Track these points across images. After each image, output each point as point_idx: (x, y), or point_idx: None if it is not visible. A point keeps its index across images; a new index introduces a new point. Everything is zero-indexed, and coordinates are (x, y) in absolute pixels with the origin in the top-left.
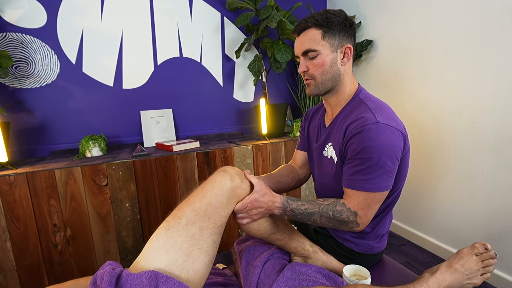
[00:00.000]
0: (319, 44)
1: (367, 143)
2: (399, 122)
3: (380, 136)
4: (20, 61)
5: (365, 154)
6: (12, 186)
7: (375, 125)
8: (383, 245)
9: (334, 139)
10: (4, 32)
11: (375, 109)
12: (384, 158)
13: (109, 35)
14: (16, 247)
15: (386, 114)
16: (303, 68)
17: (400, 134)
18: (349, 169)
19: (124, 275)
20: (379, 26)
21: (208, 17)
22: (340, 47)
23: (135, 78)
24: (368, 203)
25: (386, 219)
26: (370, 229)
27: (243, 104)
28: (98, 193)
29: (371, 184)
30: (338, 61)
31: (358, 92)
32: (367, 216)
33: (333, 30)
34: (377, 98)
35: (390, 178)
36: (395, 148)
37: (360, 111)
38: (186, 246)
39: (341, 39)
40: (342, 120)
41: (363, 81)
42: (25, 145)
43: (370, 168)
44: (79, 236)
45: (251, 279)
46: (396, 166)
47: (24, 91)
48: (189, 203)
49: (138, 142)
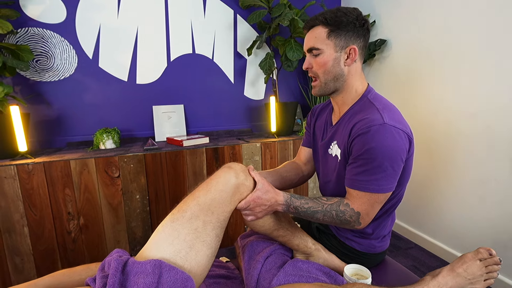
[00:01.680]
0: (323, 43)
1: (372, 144)
2: (406, 124)
3: (386, 138)
4: (40, 55)
5: (370, 155)
6: (30, 174)
7: (382, 126)
8: (386, 244)
9: (339, 137)
10: (26, 27)
11: (382, 110)
12: (389, 160)
13: (124, 31)
14: (32, 232)
15: (393, 115)
16: (306, 65)
17: (406, 136)
18: (353, 169)
19: (130, 263)
20: (394, 25)
21: (221, 14)
22: (346, 47)
23: (149, 74)
24: (371, 204)
25: (388, 220)
26: (372, 230)
27: (254, 101)
28: (110, 184)
29: (375, 185)
30: (341, 61)
31: (367, 92)
32: (369, 216)
33: (340, 29)
34: (385, 99)
35: (394, 179)
36: (400, 150)
37: (367, 111)
38: (189, 238)
39: (348, 39)
40: (349, 119)
41: (375, 81)
42: (43, 136)
43: (374, 169)
44: (91, 224)
45: (252, 273)
46: (400, 168)
47: (44, 84)
48: (194, 197)
49: (149, 136)
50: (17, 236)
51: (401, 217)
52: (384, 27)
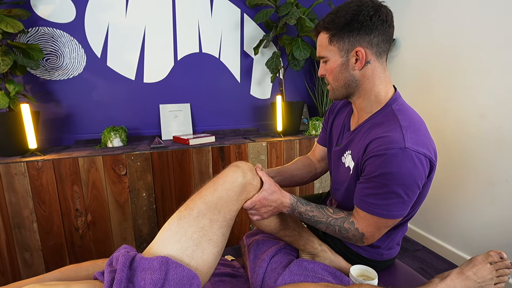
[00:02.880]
0: (327, 50)
1: (388, 169)
2: (430, 145)
3: (404, 164)
4: (50, 54)
5: (383, 179)
6: (39, 171)
7: (402, 150)
8: (395, 252)
9: (354, 148)
10: (37, 26)
11: (406, 128)
12: (404, 187)
13: (132, 30)
14: (41, 228)
15: (418, 136)
16: (320, 72)
17: (428, 162)
18: (363, 189)
19: (138, 259)
20: (403, 24)
21: (228, 13)
22: (351, 50)
23: (156, 73)
24: (377, 227)
25: (397, 233)
26: (380, 244)
27: (260, 100)
28: (117, 182)
29: (385, 210)
30: (349, 66)
31: (392, 100)
32: (374, 238)
33: (341, 32)
34: (412, 110)
35: (407, 206)
36: (418, 177)
37: (388, 127)
38: (196, 236)
39: (352, 41)
40: (367, 131)
41: None
42: (52, 134)
43: (387, 195)
44: (98, 221)
45: (257, 272)
46: (416, 196)
47: (53, 83)
48: (201, 195)
49: (156, 134)
50: (27, 231)
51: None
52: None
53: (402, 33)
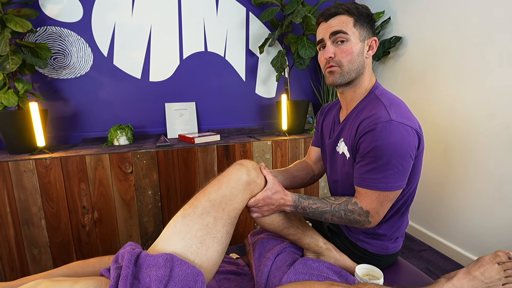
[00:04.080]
0: (351, 30)
1: (379, 141)
2: (414, 120)
3: (393, 135)
4: (58, 53)
5: (377, 153)
6: (48, 169)
7: (388, 123)
8: (398, 246)
9: (346, 135)
10: (45, 25)
11: (389, 106)
12: (397, 157)
13: (138, 29)
14: (49, 225)
15: (401, 112)
16: (329, 53)
17: (415, 132)
18: (361, 168)
19: (143, 255)
20: (410, 22)
21: (233, 12)
22: (367, 38)
23: (162, 71)
24: (380, 202)
25: (402, 221)
26: (385, 231)
27: (265, 99)
28: (124, 179)
29: (384, 183)
30: (364, 52)
31: (374, 88)
32: (379, 214)
33: (362, 20)
34: (393, 95)
35: (404, 177)
36: (408, 147)
37: (373, 108)
38: (200, 234)
39: (368, 31)
40: (356, 116)
41: (389, 79)
42: (60, 132)
43: (382, 167)
44: (105, 219)
45: (262, 270)
46: (410, 165)
47: (61, 81)
48: (205, 193)
49: (162, 133)
50: (35, 228)
51: (415, 218)
52: (399, 24)
53: (409, 32)
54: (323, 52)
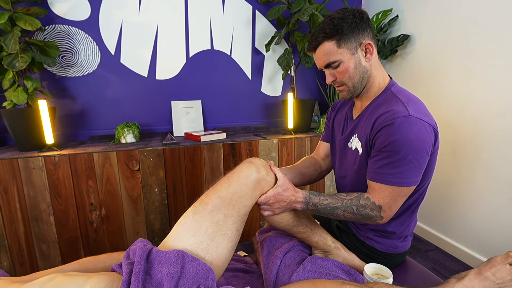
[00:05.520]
0: (337, 54)
1: (396, 136)
2: (431, 116)
3: (411, 130)
4: (66, 51)
5: (394, 147)
6: (56, 166)
7: (407, 118)
8: (407, 245)
9: (360, 131)
10: (53, 24)
11: (407, 102)
12: (414, 152)
13: (145, 27)
14: (58, 221)
15: (419, 108)
16: (330, 79)
17: (432, 129)
18: (375, 162)
19: (154, 252)
20: (418, 20)
21: (240, 10)
22: (359, 46)
23: (168, 69)
24: (393, 197)
25: (411, 219)
26: (394, 229)
27: (271, 98)
28: (131, 177)
29: (399, 178)
30: (361, 60)
31: (390, 85)
32: (392, 210)
33: (346, 35)
34: (409, 92)
35: (419, 173)
36: (425, 143)
37: (391, 104)
38: (211, 231)
39: (357, 38)
40: (371, 112)
41: (397, 78)
42: (68, 129)
43: (398, 162)
44: (112, 215)
45: (271, 268)
46: (425, 161)
47: (69, 79)
48: (215, 190)
49: (168, 131)
50: (44, 224)
51: (422, 218)
52: (407, 22)
53: (417, 30)
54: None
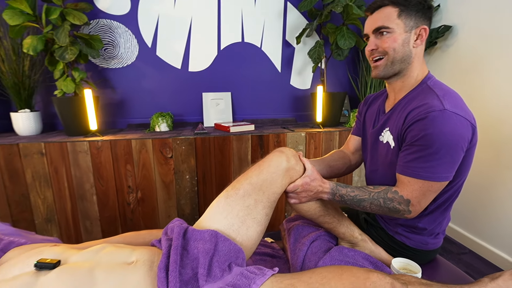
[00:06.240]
0: (394, 22)
1: (429, 130)
2: (469, 111)
3: (446, 125)
4: (108, 44)
5: (426, 141)
6: (99, 150)
7: (442, 112)
8: (439, 242)
9: (392, 124)
10: (97, 18)
11: (442, 96)
12: (447, 147)
13: (180, 21)
14: (100, 201)
15: (455, 102)
16: (372, 46)
17: (469, 124)
18: (406, 156)
19: (190, 230)
20: (462, 9)
21: (271, 2)
22: (415, 28)
23: (200, 62)
24: (423, 192)
25: (443, 217)
26: (425, 225)
27: (300, 91)
28: (164, 163)
29: (430, 172)
30: (410, 42)
31: (426, 78)
32: (421, 204)
33: (410, 9)
34: (446, 86)
35: (452, 168)
36: (461, 138)
37: (425, 98)
38: (242, 214)
39: (417, 20)
40: (404, 106)
41: (436, 71)
42: (108, 117)
43: (430, 156)
44: (147, 198)
45: (298, 254)
46: (460, 157)
47: (110, 71)
48: (246, 177)
49: (198, 121)
50: (88, 203)
51: (456, 220)
52: (450, 12)
53: (460, 20)
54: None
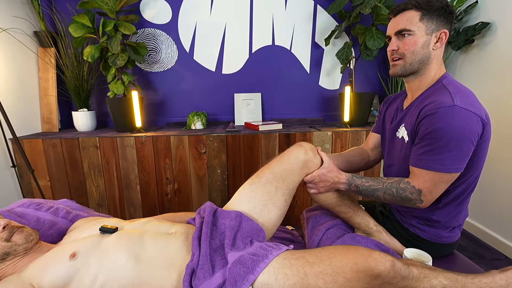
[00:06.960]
0: (415, 25)
1: (439, 124)
2: (481, 108)
3: (455, 119)
4: (151, 50)
5: (435, 135)
6: (143, 145)
7: (451, 108)
8: (455, 236)
9: (407, 120)
10: (143, 27)
11: (454, 93)
12: (456, 140)
13: (215, 27)
14: (142, 190)
15: (466, 99)
16: (393, 47)
17: (479, 119)
18: (418, 149)
19: (219, 210)
20: (502, 5)
21: (301, 6)
22: (436, 31)
23: (233, 64)
24: (434, 182)
25: (459, 211)
26: (439, 218)
27: (328, 91)
28: (198, 158)
29: (440, 164)
30: (430, 44)
31: (442, 78)
32: (432, 195)
33: (432, 13)
34: (461, 84)
35: (462, 161)
36: (470, 133)
37: (438, 95)
38: (264, 199)
39: (438, 23)
40: (420, 103)
41: (472, 70)
42: (150, 116)
43: (440, 149)
44: (182, 189)
45: (314, 239)
46: (470, 151)
47: (152, 74)
48: (269, 167)
49: (230, 120)
50: (132, 192)
51: (490, 224)
52: (488, 8)
53: (500, 17)
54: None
